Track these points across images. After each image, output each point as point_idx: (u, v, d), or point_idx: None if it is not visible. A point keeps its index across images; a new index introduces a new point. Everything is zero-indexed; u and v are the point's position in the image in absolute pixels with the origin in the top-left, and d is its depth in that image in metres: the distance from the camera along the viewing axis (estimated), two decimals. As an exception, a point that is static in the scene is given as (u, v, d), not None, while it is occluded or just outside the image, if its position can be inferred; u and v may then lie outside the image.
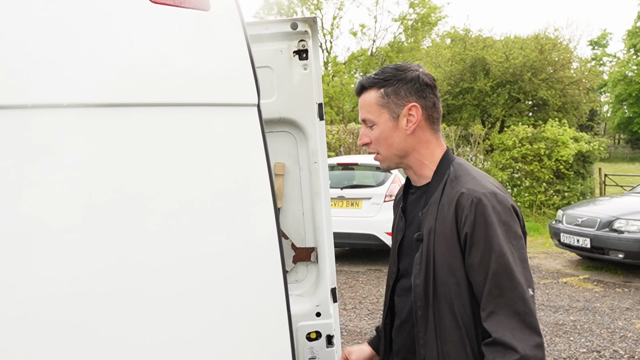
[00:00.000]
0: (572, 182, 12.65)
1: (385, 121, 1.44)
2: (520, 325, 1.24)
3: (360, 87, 1.48)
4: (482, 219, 1.30)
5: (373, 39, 31.28)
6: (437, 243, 1.37)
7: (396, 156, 1.48)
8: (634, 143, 35.60)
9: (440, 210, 1.38)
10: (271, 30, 2.13)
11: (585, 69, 18.78)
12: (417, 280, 1.40)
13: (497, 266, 1.27)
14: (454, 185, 1.39)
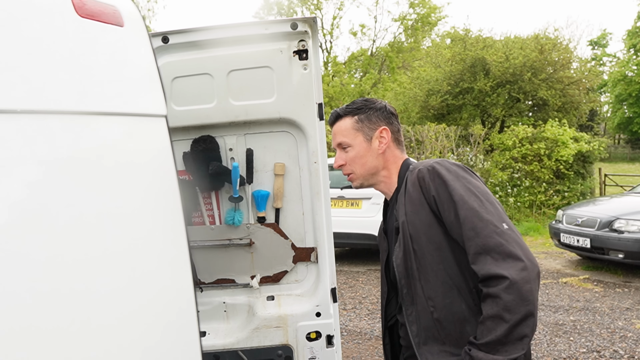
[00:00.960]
0: (572, 182, 12.65)
1: (360, 143, 1.65)
2: (501, 256, 1.35)
3: (336, 116, 1.69)
4: (440, 180, 1.47)
5: (373, 39, 31.28)
6: (410, 221, 1.51)
7: (369, 174, 1.67)
8: (634, 143, 35.59)
9: (407, 195, 1.55)
10: (271, 30, 2.13)
11: (585, 69, 18.77)
12: (398, 261, 1.54)
13: (465, 213, 1.41)
14: (411, 171, 1.58)
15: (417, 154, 12.93)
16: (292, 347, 2.26)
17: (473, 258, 1.40)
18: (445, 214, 1.46)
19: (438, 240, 1.49)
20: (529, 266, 1.35)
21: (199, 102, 2.22)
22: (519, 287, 1.31)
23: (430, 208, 1.49)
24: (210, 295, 2.37)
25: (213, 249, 2.34)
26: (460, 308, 1.46)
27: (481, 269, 1.37)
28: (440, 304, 1.48)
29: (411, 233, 1.51)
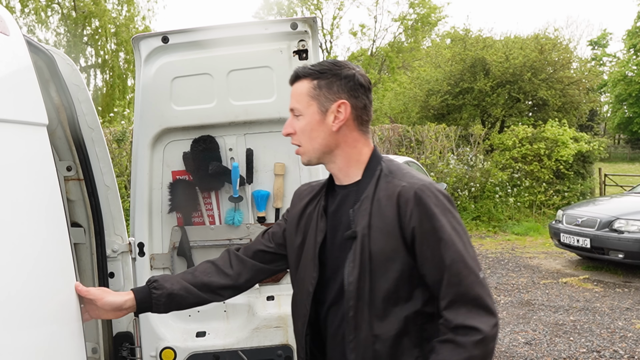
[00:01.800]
0: (572, 182, 12.65)
1: (312, 113, 1.42)
2: (478, 310, 1.28)
3: (295, 75, 1.46)
4: (428, 211, 1.31)
5: (373, 39, 31.28)
6: (373, 239, 1.34)
7: (318, 151, 1.45)
8: (634, 143, 35.58)
9: (375, 205, 1.36)
10: (271, 30, 2.13)
11: (585, 69, 18.76)
12: (351, 278, 1.36)
13: (452, 255, 1.29)
14: (389, 180, 1.38)
15: (417, 154, 12.93)
16: (292, 347, 2.26)
17: (448, 304, 1.29)
18: (424, 250, 1.32)
19: (400, 269, 1.34)
20: (498, 323, 1.31)
21: (199, 102, 2.22)
22: (487, 344, 1.27)
23: (403, 235, 1.33)
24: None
25: (213, 249, 2.34)
26: (402, 347, 1.35)
27: (455, 318, 1.28)
28: (386, 340, 1.34)
29: (372, 254, 1.34)
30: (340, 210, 1.46)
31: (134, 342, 2.29)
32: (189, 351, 2.27)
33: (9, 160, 1.35)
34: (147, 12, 25.33)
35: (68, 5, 21.57)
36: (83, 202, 2.19)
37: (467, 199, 11.96)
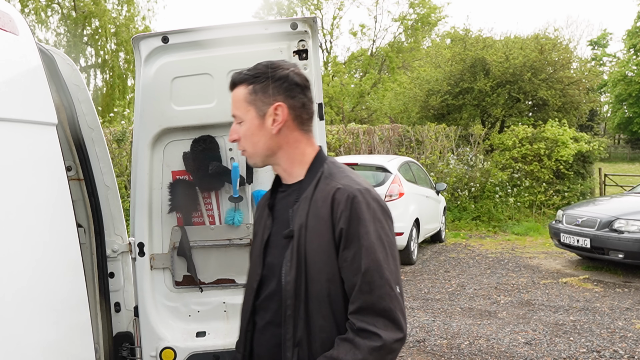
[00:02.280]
0: (572, 182, 12.65)
1: (251, 119, 1.43)
2: (385, 322, 1.29)
3: (232, 83, 1.47)
4: (356, 215, 1.33)
5: (373, 39, 31.26)
6: (309, 239, 1.37)
7: (261, 155, 1.46)
8: (634, 143, 35.58)
9: (312, 206, 1.38)
10: (271, 30, 2.13)
11: (585, 69, 18.75)
12: (288, 278, 1.38)
13: (369, 263, 1.31)
14: (328, 181, 1.40)
15: (417, 154, 12.93)
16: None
17: (356, 309, 1.31)
18: (345, 252, 1.34)
19: (332, 271, 1.36)
20: (403, 340, 1.32)
21: (199, 102, 2.22)
22: (384, 355, 1.29)
23: (333, 236, 1.35)
24: (210, 295, 2.37)
25: (213, 249, 2.34)
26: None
27: (361, 321, 1.30)
28: (320, 338, 1.37)
29: (307, 254, 1.37)
30: (282, 208, 1.48)
31: (134, 342, 2.29)
32: (189, 351, 2.27)
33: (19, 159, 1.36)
34: (147, 12, 25.35)
35: (68, 5, 21.56)
36: (83, 202, 2.19)
37: (467, 199, 11.96)
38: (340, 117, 23.76)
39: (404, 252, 7.87)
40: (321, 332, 1.36)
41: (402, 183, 7.85)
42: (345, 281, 1.35)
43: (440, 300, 6.23)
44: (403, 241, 7.65)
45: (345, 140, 12.77)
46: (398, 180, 7.79)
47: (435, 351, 4.69)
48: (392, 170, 7.92)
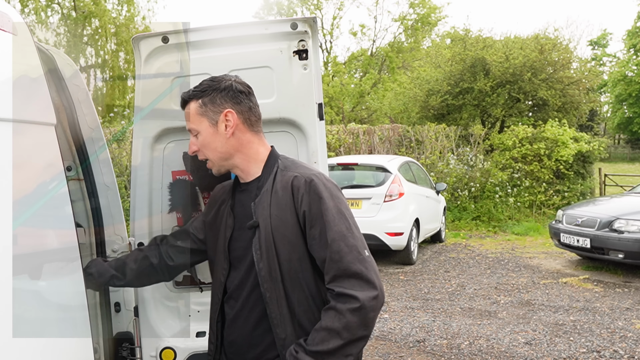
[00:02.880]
0: (572, 182, 12.65)
1: (206, 128, 1.57)
2: (359, 282, 1.41)
3: (182, 101, 1.61)
4: (316, 196, 1.48)
5: (373, 39, 31.28)
6: (275, 226, 1.51)
7: (222, 159, 1.59)
8: (634, 143, 35.59)
9: (273, 196, 1.53)
10: (271, 30, 2.12)
11: (585, 69, 18.75)
12: (261, 264, 1.51)
13: (333, 235, 1.44)
14: (284, 173, 1.56)
15: (417, 154, 12.93)
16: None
17: (332, 278, 1.43)
18: (312, 231, 1.48)
19: (301, 251, 1.51)
20: (380, 296, 1.42)
21: (199, 102, 2.21)
22: (366, 313, 1.39)
23: (297, 219, 1.50)
24: (210, 295, 2.37)
25: (213, 249, 2.34)
26: (314, 316, 1.51)
27: (337, 287, 1.42)
28: (300, 311, 1.51)
29: (275, 240, 1.51)
30: (244, 205, 1.62)
31: (134, 342, 2.29)
32: (189, 351, 2.27)
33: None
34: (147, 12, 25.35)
35: (68, 5, 21.57)
36: (83, 202, 2.19)
37: (467, 199, 11.96)
38: (340, 117, 23.77)
39: (404, 252, 7.86)
40: (299, 306, 1.51)
41: (402, 183, 7.85)
42: (317, 257, 1.48)
43: (440, 300, 6.23)
44: (403, 241, 7.64)
45: (345, 140, 12.78)
46: (398, 180, 7.79)
47: (435, 351, 4.69)
48: (392, 170, 7.91)
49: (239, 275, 1.60)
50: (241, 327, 1.60)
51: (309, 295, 1.53)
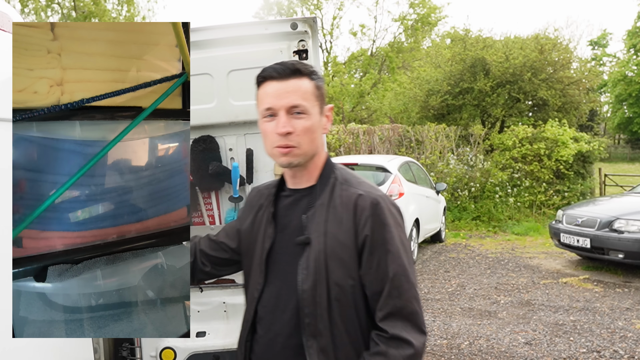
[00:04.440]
0: (572, 182, 12.64)
1: (316, 114, 1.37)
2: (414, 325, 1.31)
3: (293, 69, 1.34)
4: (381, 221, 1.33)
5: (373, 39, 31.27)
6: (330, 246, 1.34)
7: (310, 154, 1.39)
8: (634, 143, 35.58)
9: (331, 212, 1.36)
10: (271, 30, 2.13)
11: (585, 69, 18.74)
12: (305, 286, 1.34)
13: (396, 268, 1.31)
14: (345, 187, 1.39)
15: (417, 154, 12.93)
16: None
17: (386, 315, 1.31)
18: (370, 259, 1.33)
19: (356, 277, 1.34)
20: (426, 341, 1.34)
21: (199, 102, 2.22)
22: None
23: (356, 243, 1.34)
24: (210, 295, 2.37)
25: (213, 249, 2.34)
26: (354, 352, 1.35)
27: (392, 328, 1.30)
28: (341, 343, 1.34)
29: (328, 261, 1.33)
30: (290, 215, 1.43)
31: (134, 342, 2.29)
32: (189, 351, 2.27)
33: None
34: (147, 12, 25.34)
35: (68, 5, 21.56)
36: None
37: (467, 199, 11.96)
38: (340, 117, 23.76)
39: (404, 252, 7.85)
40: (347, 338, 1.35)
41: (402, 183, 7.85)
42: (368, 287, 1.34)
43: (440, 300, 6.23)
44: (403, 241, 7.64)
45: (345, 140, 12.78)
46: (398, 180, 7.79)
47: (435, 351, 4.69)
48: (392, 170, 7.91)
49: (275, 293, 1.41)
50: (272, 352, 1.41)
51: (358, 327, 1.35)
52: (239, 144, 2.31)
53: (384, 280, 1.31)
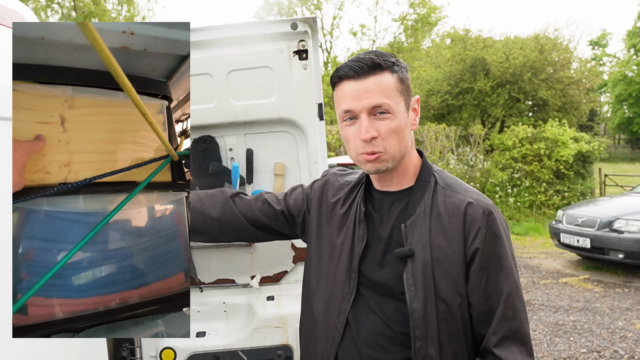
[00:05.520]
0: (572, 182, 12.65)
1: (402, 112, 1.20)
2: (529, 350, 1.19)
3: (372, 64, 1.18)
4: (493, 234, 1.19)
5: (373, 39, 31.28)
6: (436, 258, 1.20)
7: (399, 156, 1.23)
8: (634, 143, 35.60)
9: (435, 220, 1.21)
10: (271, 30, 2.13)
11: (585, 69, 18.78)
12: (415, 305, 1.19)
13: (510, 286, 1.18)
14: (448, 193, 1.24)
15: (417, 154, 12.92)
16: (292, 347, 2.26)
17: (500, 340, 1.16)
18: (480, 275, 1.18)
19: (464, 294, 1.20)
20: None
21: (199, 102, 2.22)
22: None
23: (464, 257, 1.19)
24: (210, 295, 2.37)
25: (213, 249, 2.34)
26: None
27: (509, 355, 1.16)
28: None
29: (435, 276, 1.19)
30: (384, 221, 1.28)
31: (134, 342, 2.29)
32: (189, 351, 2.27)
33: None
34: (147, 12, 25.35)
35: (68, 5, 21.57)
36: None
37: (467, 199, 11.97)
38: (340, 117, 23.74)
39: (404, 252, 7.85)
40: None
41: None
42: (476, 306, 1.19)
43: (440, 300, 6.24)
44: (403, 241, 7.64)
45: (345, 140, 12.77)
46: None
47: (435, 351, 4.69)
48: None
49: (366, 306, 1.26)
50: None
51: (465, 349, 1.21)
52: (239, 144, 2.31)
53: (497, 298, 1.17)
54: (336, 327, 1.28)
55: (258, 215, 1.50)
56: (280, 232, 1.54)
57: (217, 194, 1.56)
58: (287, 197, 1.51)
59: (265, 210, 1.50)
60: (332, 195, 1.40)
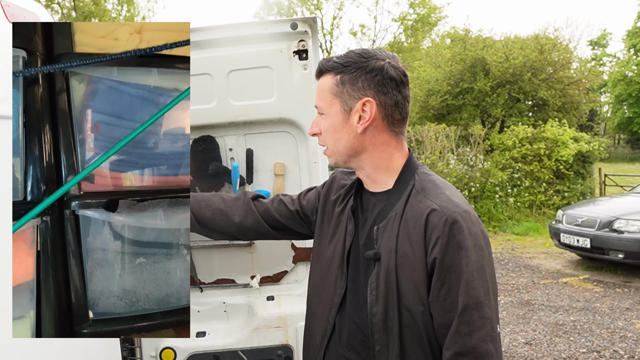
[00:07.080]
0: (572, 182, 12.65)
1: (335, 113, 1.25)
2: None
3: (318, 70, 1.29)
4: (455, 244, 1.13)
5: (373, 39, 31.28)
6: (400, 265, 1.18)
7: (343, 154, 1.27)
8: (634, 143, 35.59)
9: (403, 226, 1.19)
10: (271, 30, 2.13)
11: (585, 69, 18.78)
12: (375, 309, 1.19)
13: (467, 301, 1.12)
14: (420, 198, 1.21)
15: (417, 154, 12.93)
16: (292, 347, 2.26)
17: (453, 356, 1.13)
18: (438, 286, 1.15)
19: (426, 302, 1.17)
20: None
21: (199, 102, 2.22)
22: None
23: (426, 265, 1.16)
24: (210, 295, 2.37)
25: (213, 249, 2.34)
26: None
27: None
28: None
29: (399, 282, 1.18)
30: (367, 222, 1.29)
31: (134, 342, 2.29)
32: (189, 351, 2.27)
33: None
34: (147, 12, 25.35)
35: (68, 5, 21.57)
36: None
37: (467, 199, 11.94)
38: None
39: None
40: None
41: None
42: (435, 318, 1.16)
43: (440, 300, 6.24)
44: (403, 241, 7.63)
45: (345, 140, 12.76)
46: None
47: (435, 351, 4.69)
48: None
49: (352, 307, 1.27)
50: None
51: (430, 358, 1.19)
52: (239, 144, 2.31)
53: (450, 312, 1.13)
54: (328, 320, 1.31)
55: (275, 216, 1.56)
56: (298, 232, 1.59)
57: (240, 197, 1.62)
58: (300, 198, 1.56)
59: (281, 211, 1.56)
60: (334, 194, 1.43)
